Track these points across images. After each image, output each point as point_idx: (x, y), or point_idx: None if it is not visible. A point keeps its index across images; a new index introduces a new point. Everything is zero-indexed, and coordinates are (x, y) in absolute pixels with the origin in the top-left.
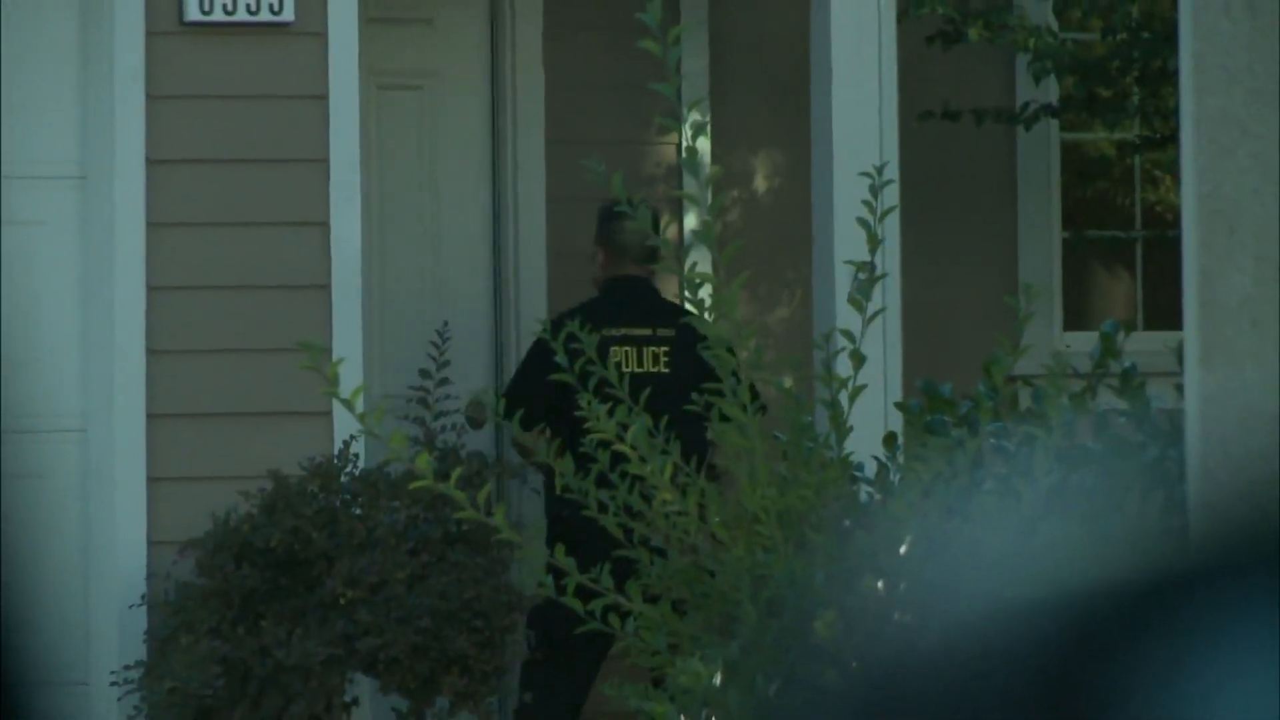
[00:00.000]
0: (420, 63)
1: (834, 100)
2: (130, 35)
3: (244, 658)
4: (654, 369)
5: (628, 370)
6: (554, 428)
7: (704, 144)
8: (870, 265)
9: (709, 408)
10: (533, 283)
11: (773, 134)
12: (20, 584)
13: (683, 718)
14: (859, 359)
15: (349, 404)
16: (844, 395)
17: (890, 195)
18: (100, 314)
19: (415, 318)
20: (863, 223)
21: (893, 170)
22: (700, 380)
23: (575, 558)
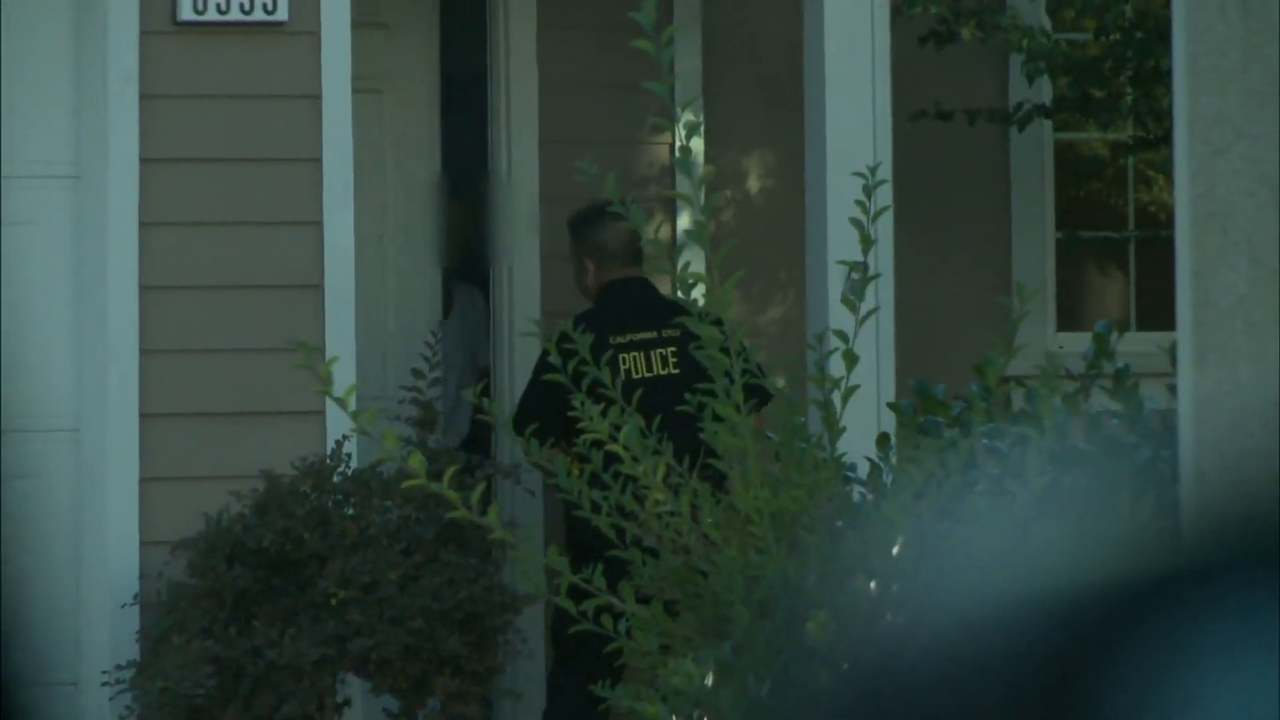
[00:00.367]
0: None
1: (827, 100)
2: (124, 34)
3: (236, 658)
4: (664, 371)
5: (639, 376)
6: (569, 442)
7: (697, 144)
8: (863, 265)
9: (702, 408)
10: (526, 283)
11: (765, 134)
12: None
13: (675, 718)
14: (852, 359)
15: (342, 403)
16: (837, 395)
17: (883, 195)
18: (93, 314)
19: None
20: (856, 223)
21: (886, 170)
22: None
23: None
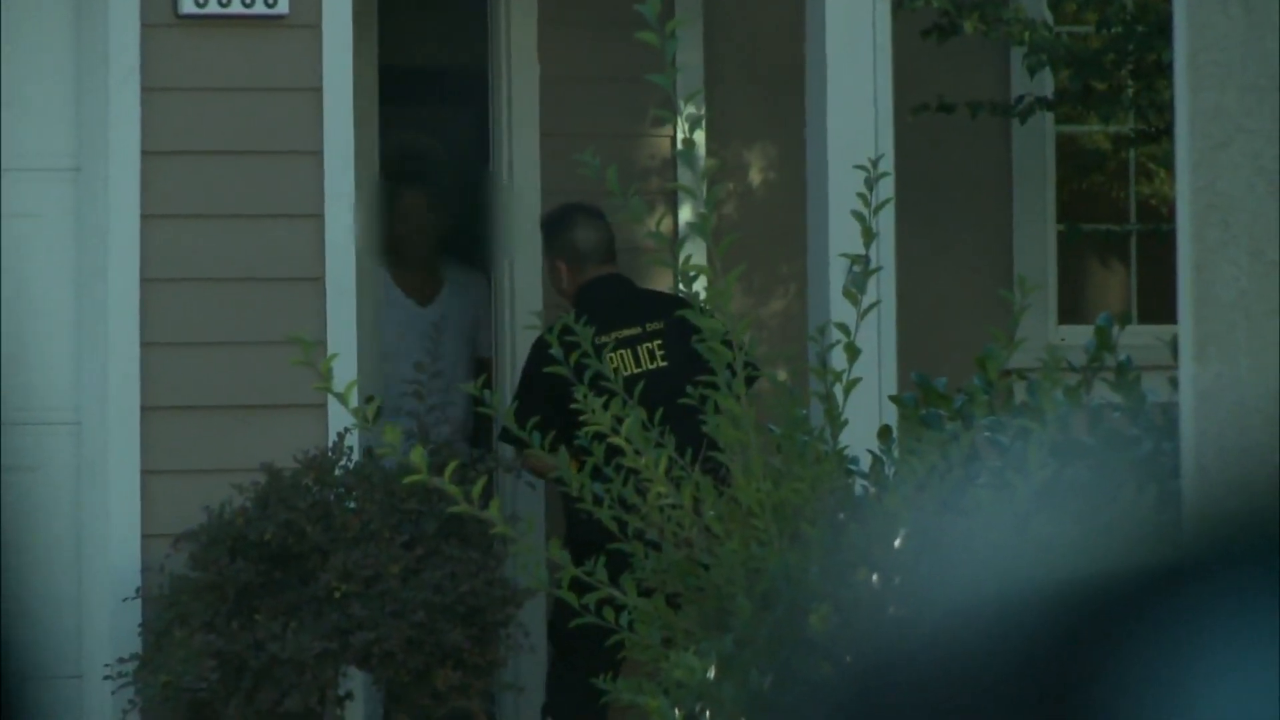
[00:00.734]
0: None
1: (829, 93)
2: (125, 27)
3: (238, 651)
4: (651, 365)
5: (629, 373)
6: (566, 438)
7: (699, 137)
8: (865, 258)
9: (704, 400)
10: (528, 277)
11: (767, 127)
12: (13, 577)
13: (677, 712)
14: (854, 352)
15: (342, 398)
16: (839, 388)
17: (885, 188)
18: (94, 306)
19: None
20: (858, 216)
21: (887, 163)
22: (697, 365)
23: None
